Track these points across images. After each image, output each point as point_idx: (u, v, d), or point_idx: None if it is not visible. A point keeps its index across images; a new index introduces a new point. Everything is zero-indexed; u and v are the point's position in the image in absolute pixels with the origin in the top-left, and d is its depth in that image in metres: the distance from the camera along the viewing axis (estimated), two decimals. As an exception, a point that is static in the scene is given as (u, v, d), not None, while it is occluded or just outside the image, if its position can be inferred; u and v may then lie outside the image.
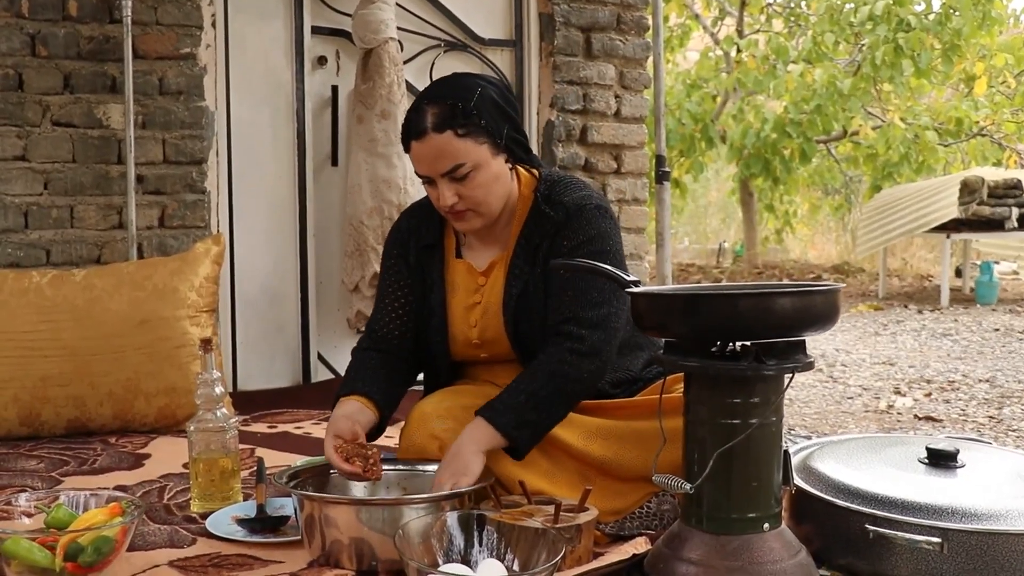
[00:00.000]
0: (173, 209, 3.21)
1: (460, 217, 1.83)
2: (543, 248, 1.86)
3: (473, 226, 1.85)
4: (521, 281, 1.87)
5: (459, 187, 1.78)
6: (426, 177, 1.81)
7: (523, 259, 1.87)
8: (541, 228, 1.86)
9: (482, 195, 1.79)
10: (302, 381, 3.46)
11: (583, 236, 1.83)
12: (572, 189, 1.89)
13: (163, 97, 3.19)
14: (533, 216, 1.88)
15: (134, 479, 2.24)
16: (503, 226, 1.92)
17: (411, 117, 1.80)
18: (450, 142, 1.75)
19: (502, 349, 1.92)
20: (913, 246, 10.03)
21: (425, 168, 1.79)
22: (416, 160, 1.80)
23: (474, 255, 1.95)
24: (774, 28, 10.13)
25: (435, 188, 1.80)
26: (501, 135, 1.80)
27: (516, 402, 1.73)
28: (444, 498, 1.61)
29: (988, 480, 1.64)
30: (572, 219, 1.84)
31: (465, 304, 1.93)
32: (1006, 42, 9.22)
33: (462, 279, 1.94)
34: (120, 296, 2.72)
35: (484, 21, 3.72)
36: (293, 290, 3.46)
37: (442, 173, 1.77)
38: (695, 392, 1.51)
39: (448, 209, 1.81)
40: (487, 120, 1.77)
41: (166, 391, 2.68)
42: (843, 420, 3.57)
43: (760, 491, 1.47)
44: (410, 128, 1.79)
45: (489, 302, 1.91)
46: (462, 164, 1.76)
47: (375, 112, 3.27)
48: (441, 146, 1.75)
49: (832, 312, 1.43)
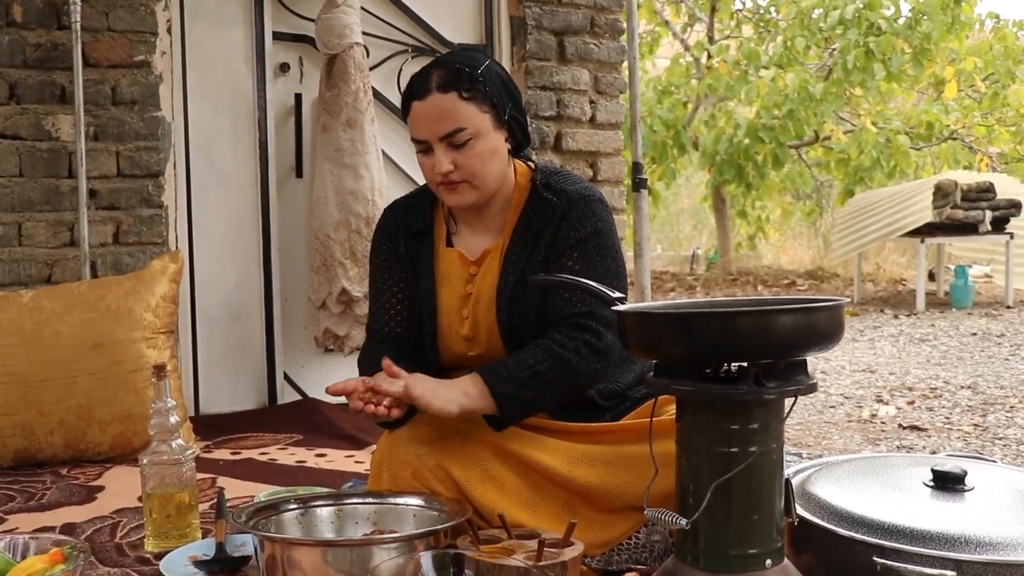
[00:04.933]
0: (128, 225, 3.07)
1: (453, 189, 1.74)
2: (545, 235, 1.78)
3: (465, 200, 1.76)
4: (518, 269, 1.78)
5: (456, 155, 1.71)
6: (423, 142, 1.74)
7: (520, 246, 1.79)
8: (542, 214, 1.79)
9: (479, 166, 1.72)
10: (268, 403, 3.32)
11: (589, 228, 1.76)
12: (572, 180, 1.83)
13: (116, 107, 3.05)
14: (533, 202, 1.80)
15: (85, 515, 2.10)
16: (496, 213, 1.83)
17: (414, 79, 1.75)
18: (454, 103, 1.70)
19: (493, 346, 1.80)
20: (885, 250, 10.02)
21: (424, 130, 1.72)
22: (415, 122, 1.74)
23: (466, 243, 1.86)
24: (744, 34, 10.10)
25: (429, 157, 1.74)
26: (505, 110, 1.75)
27: (519, 375, 1.66)
28: (417, 536, 1.49)
29: (999, 504, 1.54)
30: (575, 207, 1.77)
31: (458, 294, 1.83)
32: (974, 46, 9.25)
33: (454, 268, 1.84)
34: (71, 318, 2.57)
35: (453, 25, 3.60)
36: (257, 308, 3.33)
37: (441, 136, 1.71)
38: (688, 418, 1.39)
39: (443, 179, 1.73)
40: (492, 90, 1.73)
41: (121, 418, 2.54)
42: (826, 431, 3.49)
43: (761, 524, 1.35)
44: (413, 88, 1.74)
45: (481, 291, 1.81)
46: (463, 128, 1.70)
47: (340, 120, 3.16)
48: (444, 107, 1.70)
49: (836, 329, 1.33)
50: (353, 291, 3.14)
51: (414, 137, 1.75)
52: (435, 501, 1.66)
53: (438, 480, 1.69)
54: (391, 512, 1.69)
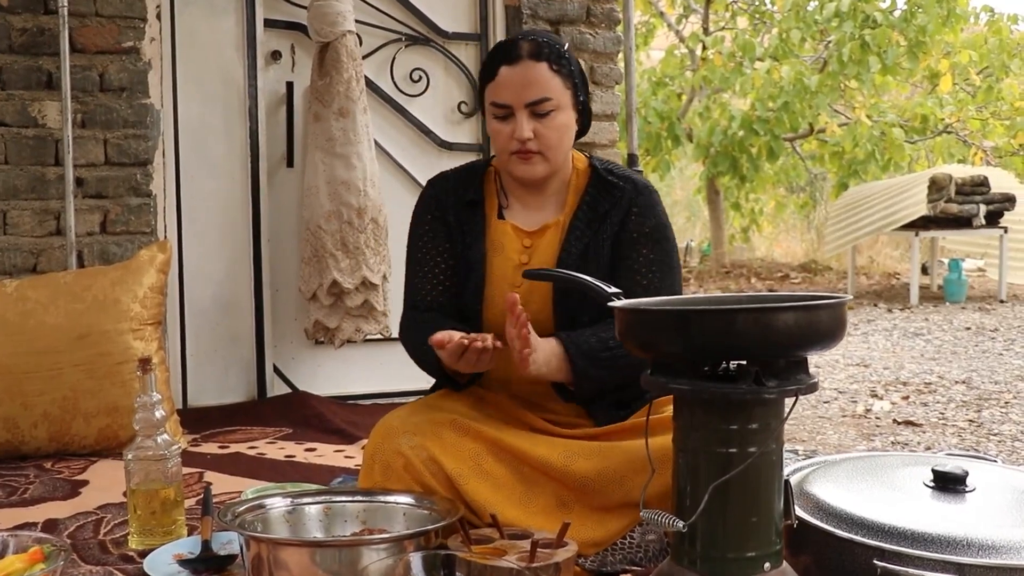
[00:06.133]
0: (116, 214, 3.02)
1: (528, 159, 1.76)
2: (612, 217, 1.81)
3: (536, 172, 1.78)
4: (581, 244, 1.80)
5: (537, 124, 1.75)
6: (505, 108, 1.75)
7: (585, 223, 1.82)
8: (609, 196, 1.83)
9: (555, 139, 1.76)
10: (257, 396, 3.27)
11: (655, 221, 1.82)
12: (628, 169, 1.89)
13: (104, 94, 3.00)
14: (597, 184, 1.83)
15: (68, 510, 2.06)
16: (553, 191, 1.85)
17: (503, 45, 1.79)
18: (543, 72, 1.74)
19: (541, 317, 1.78)
20: (879, 243, 10.00)
21: (511, 95, 1.74)
22: (501, 87, 1.75)
23: (518, 218, 1.86)
24: (739, 25, 10.05)
25: (508, 124, 1.76)
26: (580, 92, 1.81)
27: (601, 355, 1.68)
28: (407, 537, 1.45)
29: (1001, 506, 1.51)
30: (642, 195, 1.83)
31: (512, 264, 1.82)
32: (969, 39, 9.22)
33: (508, 239, 1.84)
34: (56, 308, 2.53)
35: (447, 14, 3.55)
36: (247, 299, 3.28)
37: (527, 103, 1.73)
38: (686, 417, 1.35)
39: (520, 146, 1.75)
40: (574, 71, 1.79)
41: (107, 411, 2.50)
42: (820, 426, 3.47)
43: (760, 527, 1.32)
44: (502, 53, 1.77)
45: (540, 263, 1.82)
46: (549, 99, 1.74)
47: (332, 110, 3.11)
48: (534, 75, 1.73)
49: (838, 327, 1.29)
50: (344, 283, 3.10)
51: (496, 102, 1.76)
52: (426, 500, 1.63)
53: (430, 473, 1.66)
54: (381, 510, 1.65)
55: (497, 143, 1.79)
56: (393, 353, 3.51)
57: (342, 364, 3.43)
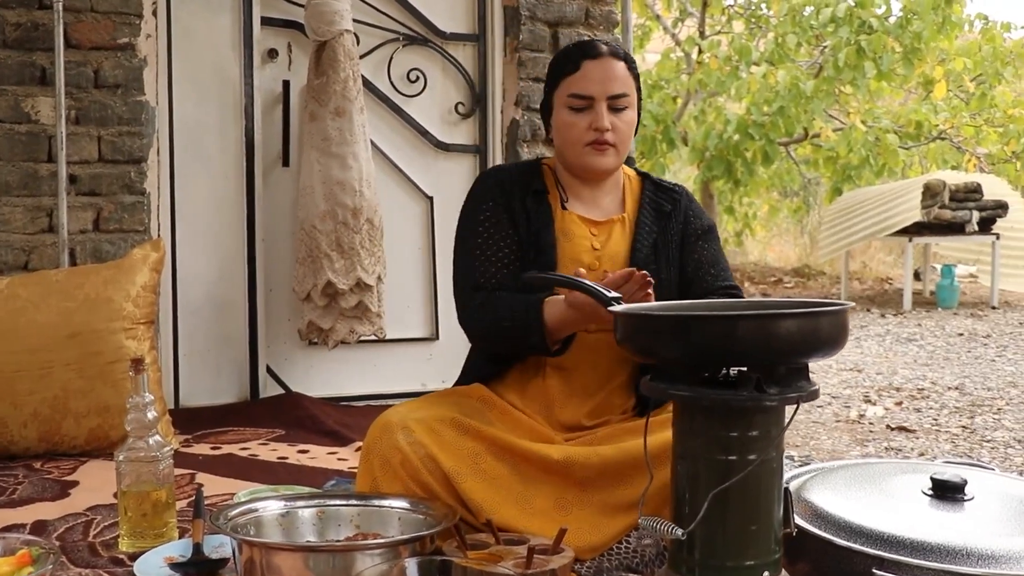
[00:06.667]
0: (109, 212, 2.99)
1: (603, 151, 1.83)
2: (675, 216, 1.93)
3: (608, 164, 1.85)
4: (651, 238, 1.89)
5: (614, 118, 1.83)
6: (586, 99, 1.82)
7: (651, 219, 1.91)
8: (668, 197, 1.95)
9: (627, 134, 1.86)
10: (249, 397, 3.25)
11: (709, 221, 1.97)
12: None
13: (98, 90, 2.97)
14: (652, 186, 1.96)
15: (58, 511, 2.03)
16: (609, 190, 1.92)
17: (579, 44, 1.88)
18: (624, 71, 1.85)
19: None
20: (871, 248, 10.01)
21: (595, 87, 1.81)
22: (585, 78, 1.82)
23: (582, 211, 1.90)
24: (735, 30, 10.05)
25: (584, 115, 1.82)
26: (641, 98, 1.91)
27: None
28: (402, 542, 1.44)
29: (1000, 515, 1.50)
30: (692, 201, 1.98)
31: (583, 249, 1.87)
32: (963, 46, 9.23)
33: (576, 227, 1.88)
34: (48, 307, 2.50)
35: (445, 14, 3.54)
36: (240, 299, 3.26)
37: (609, 95, 1.82)
38: (686, 424, 1.34)
39: (598, 136, 1.81)
40: (639, 77, 1.90)
41: (98, 411, 2.47)
42: (814, 431, 3.46)
43: (759, 535, 1.31)
44: (582, 48, 1.85)
45: (611, 252, 1.88)
46: (627, 95, 1.84)
47: (329, 109, 3.09)
48: (617, 70, 1.83)
49: (840, 335, 1.28)
50: (339, 283, 3.08)
51: (577, 93, 1.82)
52: (421, 504, 1.61)
53: (427, 471, 1.64)
54: (375, 515, 1.63)
55: (570, 135, 1.84)
56: (387, 355, 3.50)
57: (335, 365, 3.41)
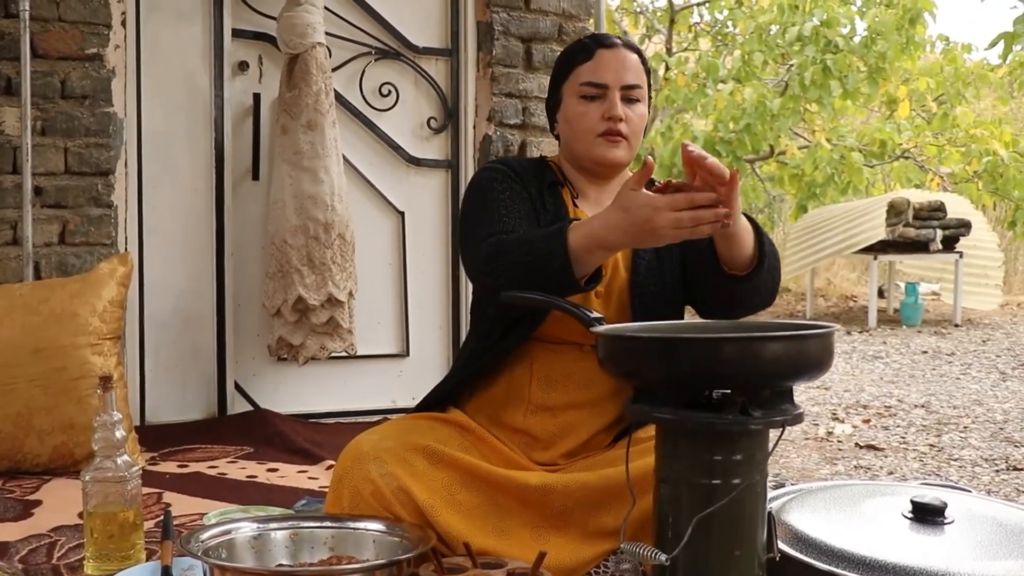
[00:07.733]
0: (75, 224, 2.94)
1: (615, 141, 1.80)
2: None
3: (619, 156, 1.81)
4: None
5: (627, 109, 1.80)
6: (600, 87, 1.78)
7: None
8: None
9: (639, 126, 1.83)
10: (217, 413, 3.20)
11: None
12: None
13: (65, 101, 2.92)
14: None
15: (20, 532, 1.98)
16: (615, 189, 1.84)
17: (591, 36, 1.87)
18: (637, 62, 1.83)
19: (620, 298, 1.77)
20: (835, 265, 10.12)
21: (611, 75, 1.79)
22: (600, 66, 1.79)
23: (591, 210, 1.85)
24: (701, 47, 10.14)
25: (598, 104, 1.79)
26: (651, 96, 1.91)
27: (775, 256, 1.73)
28: (377, 567, 1.41)
29: (980, 539, 1.50)
30: None
31: None
32: (926, 67, 9.38)
33: None
34: (11, 321, 2.45)
35: (418, 28, 3.52)
36: (209, 314, 3.21)
37: (624, 85, 1.79)
38: (669, 447, 1.33)
39: (611, 125, 1.78)
40: (651, 76, 1.88)
41: (62, 428, 2.42)
42: (783, 448, 3.47)
43: (743, 560, 1.30)
44: (597, 39, 1.84)
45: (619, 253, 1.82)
46: (640, 87, 1.82)
47: (300, 122, 3.06)
48: (632, 62, 1.82)
49: (827, 357, 1.28)
50: (309, 299, 3.04)
51: (592, 81, 1.79)
52: (397, 527, 1.58)
53: (400, 503, 1.60)
54: (350, 537, 1.60)
55: (581, 125, 1.80)
56: (357, 371, 3.46)
57: (305, 381, 3.36)
